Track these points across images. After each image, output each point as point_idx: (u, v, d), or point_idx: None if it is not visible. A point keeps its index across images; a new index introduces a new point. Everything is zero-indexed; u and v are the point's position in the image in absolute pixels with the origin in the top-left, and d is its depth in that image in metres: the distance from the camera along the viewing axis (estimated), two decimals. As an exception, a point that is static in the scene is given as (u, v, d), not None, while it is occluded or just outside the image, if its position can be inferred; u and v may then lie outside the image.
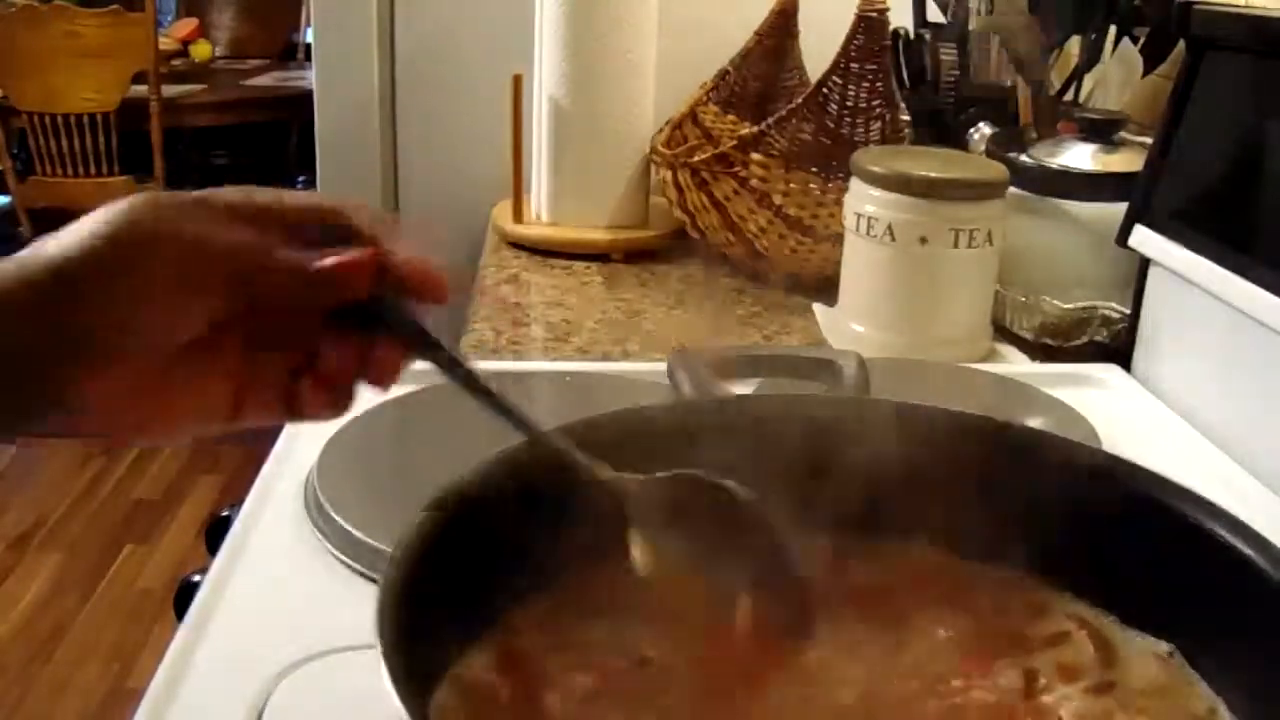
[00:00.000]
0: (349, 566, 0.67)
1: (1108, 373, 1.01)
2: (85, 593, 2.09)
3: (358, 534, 0.68)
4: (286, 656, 0.59)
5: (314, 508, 0.71)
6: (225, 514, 0.79)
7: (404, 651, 0.39)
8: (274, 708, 0.56)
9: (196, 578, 0.72)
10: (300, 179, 3.20)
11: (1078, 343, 1.06)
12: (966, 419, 0.54)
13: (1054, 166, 1.09)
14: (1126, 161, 1.07)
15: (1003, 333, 1.10)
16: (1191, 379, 0.95)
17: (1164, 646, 0.48)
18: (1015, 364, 1.05)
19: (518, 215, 1.41)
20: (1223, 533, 0.46)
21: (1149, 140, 1.03)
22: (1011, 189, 1.04)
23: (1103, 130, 1.10)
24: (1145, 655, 0.48)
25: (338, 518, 0.69)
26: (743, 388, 0.68)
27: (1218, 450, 0.89)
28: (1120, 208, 1.01)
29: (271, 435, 0.84)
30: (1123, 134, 1.11)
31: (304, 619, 0.63)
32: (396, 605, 0.41)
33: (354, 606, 0.63)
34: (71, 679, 1.87)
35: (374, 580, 0.65)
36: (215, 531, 0.79)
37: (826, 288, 1.16)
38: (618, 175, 1.38)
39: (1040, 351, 1.07)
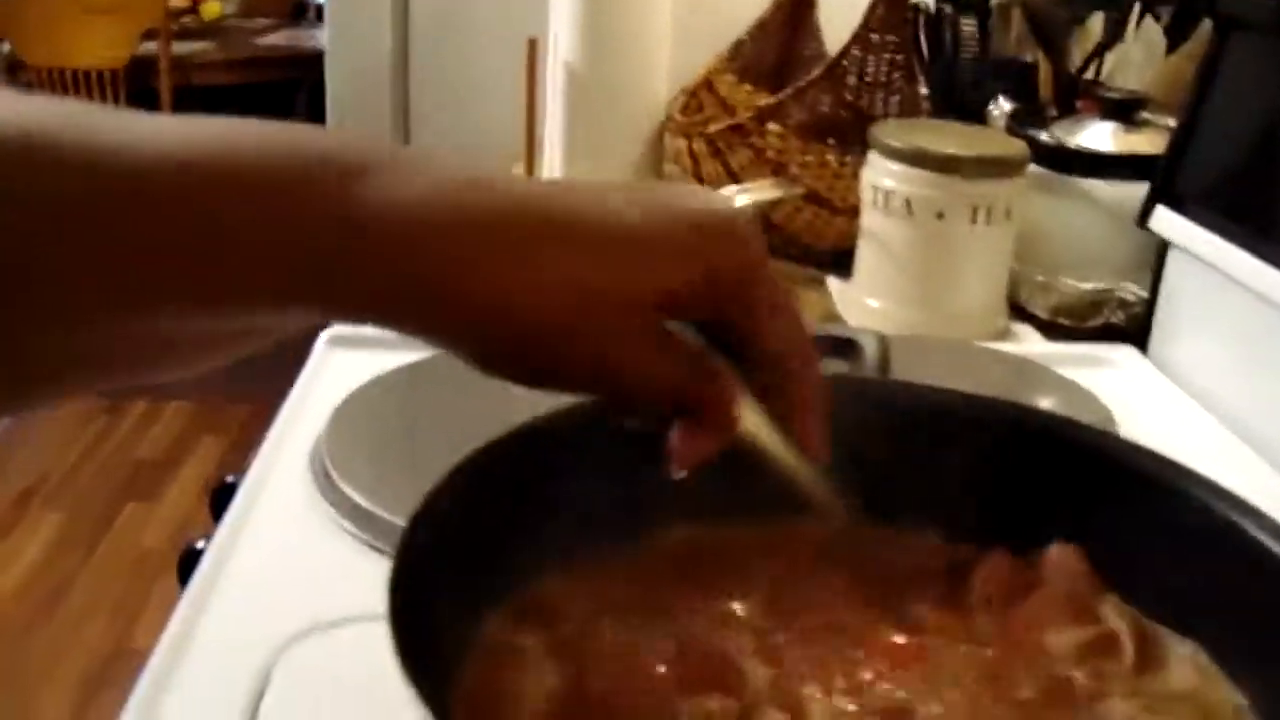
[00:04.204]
0: (356, 537, 0.67)
1: (1123, 355, 1.00)
2: (88, 551, 2.09)
3: (366, 504, 0.67)
4: (291, 628, 0.59)
5: (321, 477, 0.70)
6: (230, 480, 0.78)
7: (414, 628, 0.38)
8: (278, 680, 0.56)
9: (200, 544, 0.71)
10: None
11: (1093, 324, 1.04)
12: (999, 406, 0.52)
13: (1073, 145, 1.08)
14: (1147, 142, 1.06)
15: (1018, 311, 1.09)
16: (1208, 363, 0.94)
17: (1188, 644, 0.47)
18: (1030, 343, 1.04)
19: (529, 182, 1.40)
20: (1251, 529, 0.45)
21: (1170, 121, 1.01)
22: (1030, 166, 1.03)
23: (1124, 109, 1.08)
24: (1176, 653, 0.47)
25: (345, 488, 0.68)
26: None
27: (1233, 436, 0.88)
28: (1140, 188, 0.99)
29: (278, 394, 0.83)
30: (1144, 114, 1.09)
31: (309, 589, 0.63)
32: (408, 580, 0.40)
33: (361, 577, 0.63)
34: (74, 637, 1.87)
35: (382, 551, 0.65)
36: (220, 497, 0.78)
37: (841, 261, 1.15)
38: (632, 143, 1.36)
39: (1055, 331, 1.06)
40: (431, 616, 0.42)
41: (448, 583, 0.44)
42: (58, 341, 0.34)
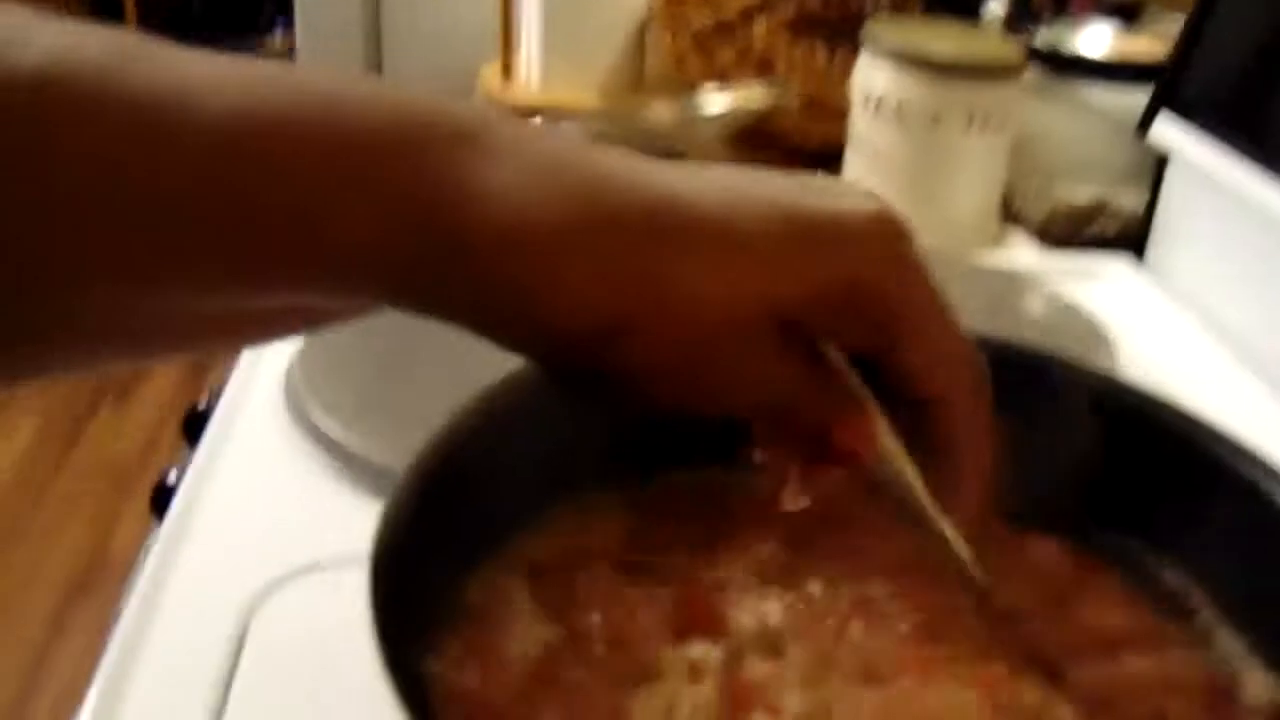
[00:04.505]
0: (334, 471, 0.64)
1: (1118, 267, 0.97)
2: (62, 456, 2.07)
3: (343, 441, 0.64)
4: (271, 573, 0.57)
5: (296, 410, 0.68)
6: (201, 407, 0.76)
7: (393, 605, 0.36)
8: (257, 628, 0.54)
9: (173, 476, 0.69)
10: (278, 25, 3.08)
11: (1088, 233, 1.02)
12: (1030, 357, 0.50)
13: (1071, 48, 1.04)
14: (1148, 45, 1.02)
15: (1011, 219, 1.06)
16: (1207, 278, 0.91)
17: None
18: (1022, 253, 1.02)
19: (507, 77, 1.35)
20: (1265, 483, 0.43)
21: (1172, 24, 0.98)
22: (1027, 70, 1.00)
23: (1124, 11, 1.05)
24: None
25: (321, 422, 0.65)
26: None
27: (1230, 354, 0.86)
28: (1140, 93, 0.96)
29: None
30: (1145, 16, 1.06)
31: (289, 531, 0.60)
32: (390, 552, 0.38)
33: (342, 516, 0.61)
34: (51, 546, 1.85)
35: (360, 489, 0.63)
36: (192, 424, 0.76)
37: (829, 163, 1.12)
38: (613, 38, 1.32)
39: (1049, 241, 1.03)
40: (415, 580, 0.40)
41: (435, 540, 0.42)
42: (91, 312, 0.30)
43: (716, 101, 1.06)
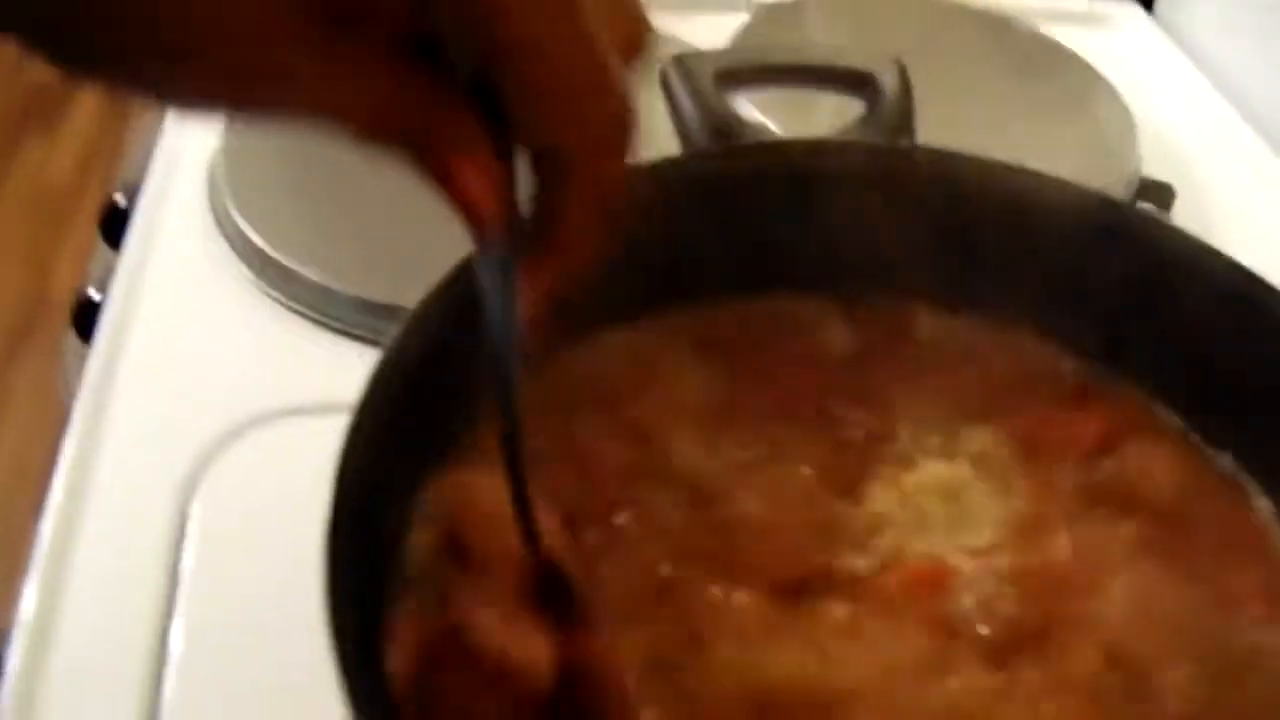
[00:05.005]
0: (266, 288, 0.58)
1: (1126, 13, 0.89)
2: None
3: (278, 256, 0.58)
4: (217, 421, 0.51)
5: (222, 219, 0.61)
6: (121, 203, 0.68)
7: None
8: (208, 491, 0.49)
9: (94, 293, 0.62)
10: None
11: (1092, -28, 0.93)
12: (1052, 188, 0.45)
13: None
14: None
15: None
16: (1219, 32, 0.84)
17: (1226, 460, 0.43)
18: (1020, -4, 0.93)
19: None
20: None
21: None
22: None
23: None
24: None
25: (253, 236, 0.59)
26: (754, 101, 0.56)
27: (1239, 116, 0.80)
28: None
29: None
30: None
31: (231, 371, 0.54)
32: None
33: (292, 349, 0.55)
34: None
35: (301, 310, 0.56)
36: (110, 223, 0.69)
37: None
38: None
39: (1048, -21, 0.94)
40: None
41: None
42: None
43: None
